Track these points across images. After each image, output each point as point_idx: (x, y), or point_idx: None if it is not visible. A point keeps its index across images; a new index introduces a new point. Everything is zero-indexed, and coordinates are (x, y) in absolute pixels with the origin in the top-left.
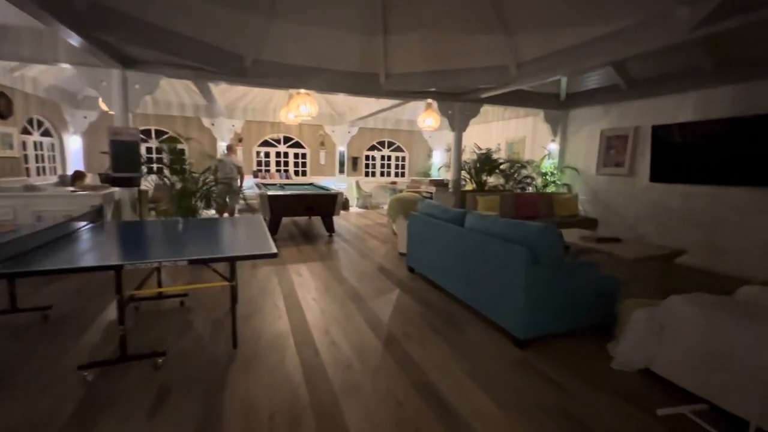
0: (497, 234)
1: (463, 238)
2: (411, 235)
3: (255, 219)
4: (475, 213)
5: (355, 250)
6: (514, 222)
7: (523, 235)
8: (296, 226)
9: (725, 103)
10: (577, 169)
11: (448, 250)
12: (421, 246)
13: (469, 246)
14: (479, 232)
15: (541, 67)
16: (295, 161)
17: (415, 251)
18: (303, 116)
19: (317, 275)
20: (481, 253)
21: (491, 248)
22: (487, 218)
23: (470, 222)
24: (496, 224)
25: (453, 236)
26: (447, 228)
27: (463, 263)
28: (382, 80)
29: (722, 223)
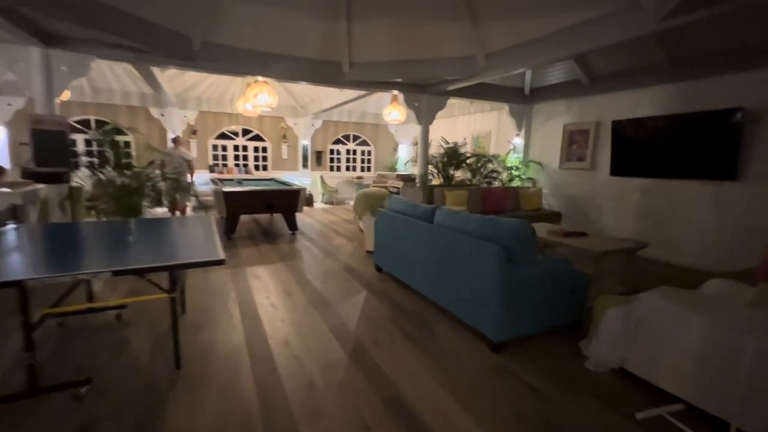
0: (469, 231)
1: (432, 236)
2: (378, 232)
3: (203, 219)
4: (444, 209)
5: (319, 249)
6: (486, 218)
7: (496, 231)
8: (257, 224)
9: (679, 99)
10: (541, 163)
11: (418, 249)
12: (389, 244)
13: (440, 244)
14: (450, 229)
15: (509, 58)
16: (256, 155)
17: (383, 249)
18: (261, 107)
19: (278, 278)
20: (452, 252)
21: (463, 246)
22: (457, 214)
23: (440, 218)
24: (467, 220)
25: (422, 234)
26: (416, 225)
27: (433, 262)
28: (346, 69)
29: (676, 216)
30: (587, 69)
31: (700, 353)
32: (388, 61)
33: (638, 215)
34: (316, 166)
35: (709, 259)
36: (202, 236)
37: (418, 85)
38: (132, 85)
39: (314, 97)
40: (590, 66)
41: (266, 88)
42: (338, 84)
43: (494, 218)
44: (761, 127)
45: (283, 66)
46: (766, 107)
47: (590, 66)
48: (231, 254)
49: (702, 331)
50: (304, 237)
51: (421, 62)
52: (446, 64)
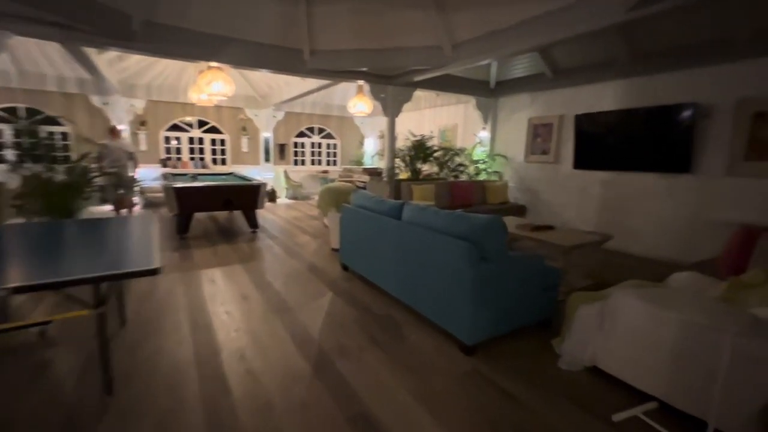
0: (438, 228)
1: (400, 233)
2: (344, 229)
3: (144, 219)
4: (413, 204)
5: (282, 247)
6: (457, 214)
7: (467, 228)
8: (214, 222)
9: (638, 94)
10: (506, 156)
11: (385, 247)
12: (355, 242)
13: (408, 242)
14: (418, 225)
15: (476, 48)
16: (213, 148)
17: (349, 247)
18: (216, 96)
19: (235, 281)
20: (422, 250)
21: (432, 244)
22: (426, 210)
23: (408, 215)
24: (436, 217)
25: (390, 231)
26: (383, 222)
27: (401, 261)
28: (307, 57)
29: (636, 208)
30: (551, 62)
31: (675, 351)
32: (351, 49)
33: (600, 208)
34: (279, 160)
35: (666, 249)
36: (139, 240)
37: (383, 75)
38: (68, 70)
39: (275, 86)
40: (554, 59)
41: (221, 75)
42: (299, 72)
43: (465, 214)
44: (712, 122)
45: (236, 51)
46: (716, 103)
47: (554, 59)
48: (183, 256)
49: (676, 330)
50: (265, 235)
51: (386, 51)
52: (412, 54)
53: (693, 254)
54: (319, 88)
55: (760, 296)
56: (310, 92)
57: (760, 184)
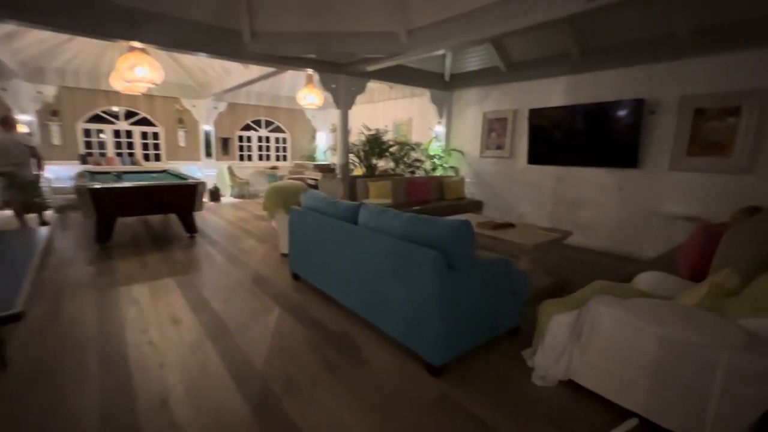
0: (400, 233)
1: (357, 239)
2: (294, 234)
3: (29, 234)
4: (370, 207)
5: (224, 254)
6: (420, 218)
7: (433, 234)
8: (145, 226)
9: (588, 89)
10: (462, 151)
11: (340, 254)
12: (307, 248)
13: (366, 249)
14: (377, 231)
15: (432, 35)
16: (144, 143)
17: (300, 254)
18: (141, 83)
19: (164, 300)
20: (382, 258)
21: (393, 252)
22: (385, 213)
23: (365, 218)
24: (397, 221)
25: (345, 236)
26: (337, 226)
27: (359, 271)
28: (247, 39)
29: (588, 203)
30: (505, 56)
31: (658, 366)
32: (298, 32)
33: (554, 202)
34: (223, 156)
35: (619, 242)
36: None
37: (334, 63)
38: None
39: (213, 74)
40: (508, 53)
41: (145, 59)
42: (238, 58)
43: (429, 218)
44: (657, 118)
45: (161, 30)
46: (661, 99)
47: (508, 53)
48: (101, 270)
49: (661, 344)
50: (205, 240)
51: (337, 36)
52: (366, 40)
53: (644, 247)
54: (263, 76)
55: (742, 304)
56: (253, 81)
57: (701, 178)
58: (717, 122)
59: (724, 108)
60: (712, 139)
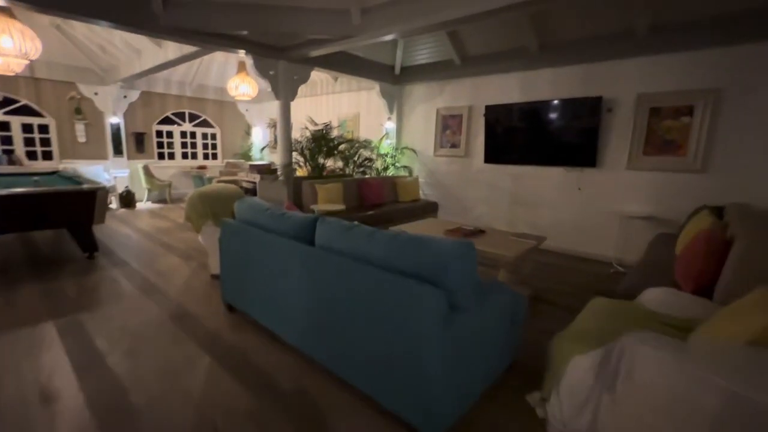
0: (378, 259)
1: (316, 266)
2: (227, 254)
3: None
4: (332, 222)
5: (135, 281)
6: (405, 240)
7: (425, 262)
8: (27, 244)
9: (546, 86)
10: (415, 150)
11: (292, 284)
12: (246, 273)
13: (329, 280)
14: (344, 255)
15: (389, 16)
16: (29, 137)
17: (237, 281)
18: (13, 60)
19: (34, 361)
20: (353, 294)
21: (371, 286)
22: (354, 231)
23: (325, 237)
24: (374, 243)
25: (298, 261)
26: (287, 247)
27: (321, 307)
28: (158, 8)
29: (546, 203)
30: (460, 48)
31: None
32: (226, 2)
33: (511, 203)
34: (138, 154)
35: (579, 243)
36: None
37: (272, 46)
38: None
39: (117, 53)
40: (463, 45)
41: (15, 26)
42: (146, 30)
43: (417, 239)
44: (615, 117)
45: None
46: (618, 97)
47: (463, 45)
48: None
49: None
50: (110, 261)
51: (277, 11)
52: (312, 17)
53: (605, 248)
54: (182, 58)
55: None
56: (169, 65)
57: (657, 177)
58: (672, 121)
59: (678, 107)
60: (667, 138)
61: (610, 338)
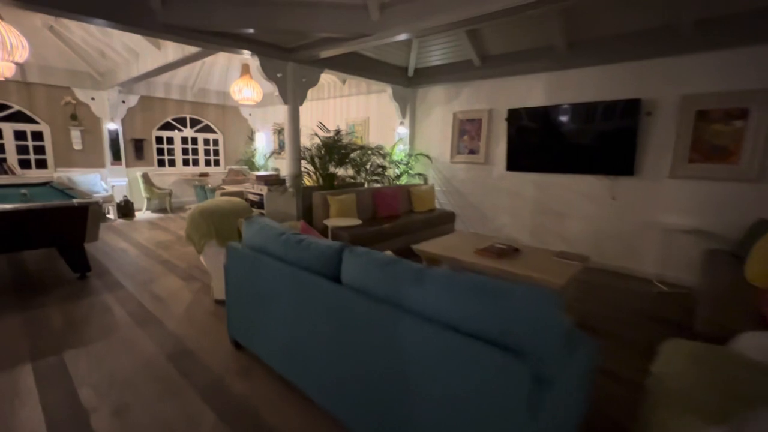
0: (430, 311)
1: (344, 310)
2: (234, 285)
3: None
4: (364, 255)
5: (129, 307)
6: (470, 285)
7: (500, 316)
8: (13, 263)
9: (576, 87)
10: (429, 156)
11: (314, 325)
12: (255, 305)
13: (362, 329)
14: (383, 300)
15: (410, 12)
16: (22, 144)
17: (244, 313)
18: (2, 63)
19: (3, 421)
20: (395, 350)
21: (422, 345)
22: (396, 269)
23: (355, 273)
24: (424, 287)
25: (321, 301)
26: (306, 282)
27: (350, 359)
28: (157, 4)
29: (575, 213)
30: (480, 48)
31: None
32: None
33: (536, 213)
34: (137, 161)
35: (611, 256)
36: None
37: (280, 47)
38: None
39: (115, 57)
40: (483, 44)
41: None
42: (144, 29)
43: (486, 285)
44: (655, 121)
45: None
46: (658, 99)
47: (483, 44)
48: None
49: None
50: (104, 282)
51: (286, 6)
52: (326, 14)
53: (641, 262)
54: (183, 60)
55: None
56: (170, 67)
57: (704, 186)
58: (722, 125)
59: (729, 109)
60: (716, 143)
61: (730, 407)
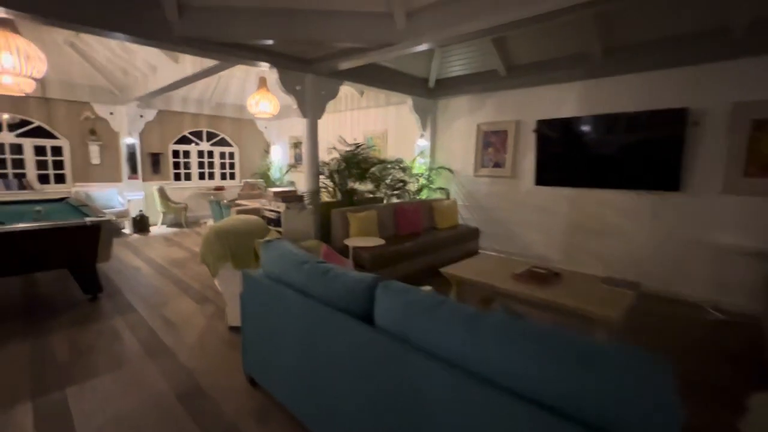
0: (497, 373)
1: (379, 361)
2: (250, 316)
3: None
4: (402, 292)
5: (140, 334)
6: (539, 337)
7: (591, 393)
8: (26, 282)
9: (613, 96)
10: (451, 169)
11: (343, 372)
12: (274, 341)
13: (403, 385)
14: (429, 353)
15: (438, 19)
16: (41, 159)
17: (261, 349)
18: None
19: None
20: (446, 410)
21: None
22: (445, 312)
23: (393, 315)
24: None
25: (352, 347)
26: (333, 322)
27: (384, 409)
28: (173, 16)
29: (613, 231)
30: (506, 56)
31: None
32: (249, 7)
33: (568, 231)
34: (153, 175)
35: (653, 278)
36: None
37: (299, 58)
38: None
39: (135, 73)
40: (510, 53)
41: (14, 42)
42: (160, 41)
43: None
44: (703, 131)
45: None
46: (707, 108)
47: (510, 53)
48: None
49: None
50: (115, 304)
51: (306, 15)
52: (349, 23)
53: (688, 285)
54: (200, 74)
55: None
56: (186, 81)
57: (764, 203)
58: None
59: None
60: None
61: None
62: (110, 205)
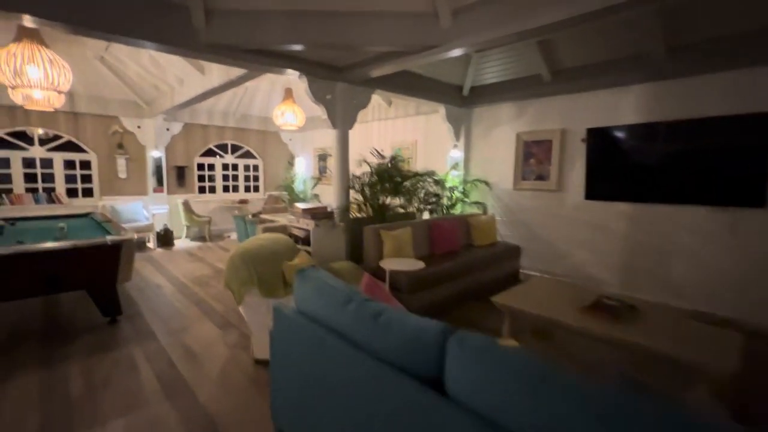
0: None
1: None
2: (280, 357)
3: None
4: (484, 349)
5: (158, 366)
6: None
7: None
8: (46, 304)
9: (678, 101)
10: (488, 182)
11: None
12: (310, 392)
13: None
14: None
15: (487, 17)
16: (70, 174)
17: (293, 396)
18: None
19: None
20: None
21: None
22: (557, 388)
23: (474, 384)
24: None
25: (413, 415)
26: (387, 382)
27: None
28: (200, 21)
29: (680, 251)
30: (551, 60)
31: None
32: (280, 11)
33: (626, 250)
34: (178, 188)
35: (731, 307)
36: None
37: (330, 65)
38: None
39: (163, 86)
40: (556, 56)
41: (40, 52)
42: (187, 48)
43: None
44: None
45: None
46: None
47: (556, 56)
48: None
49: None
50: (135, 328)
51: (339, 18)
52: (386, 25)
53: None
54: (227, 84)
55: None
56: (213, 92)
57: None
58: None
59: None
60: None
61: None
62: (135, 218)
